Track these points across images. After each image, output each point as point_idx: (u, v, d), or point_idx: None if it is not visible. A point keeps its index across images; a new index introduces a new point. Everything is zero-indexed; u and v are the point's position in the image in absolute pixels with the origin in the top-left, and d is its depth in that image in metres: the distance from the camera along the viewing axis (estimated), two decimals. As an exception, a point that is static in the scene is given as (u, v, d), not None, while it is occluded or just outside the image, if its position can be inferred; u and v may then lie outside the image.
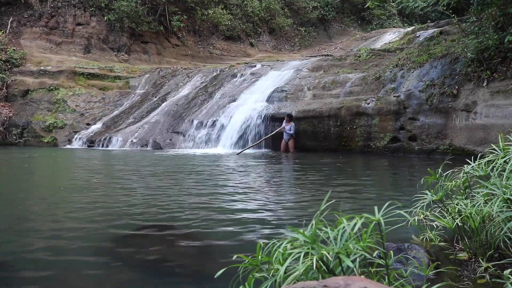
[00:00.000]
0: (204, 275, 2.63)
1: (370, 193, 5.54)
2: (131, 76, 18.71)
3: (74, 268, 2.81)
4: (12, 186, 6.58)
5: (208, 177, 7.00)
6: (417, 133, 10.66)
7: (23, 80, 17.27)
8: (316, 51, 25.04)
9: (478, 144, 9.28)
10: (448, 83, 10.56)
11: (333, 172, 7.76)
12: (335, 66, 14.48)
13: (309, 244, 1.28)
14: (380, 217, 1.36)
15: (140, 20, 20.69)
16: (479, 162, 2.37)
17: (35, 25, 19.96)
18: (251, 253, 1.49)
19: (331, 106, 11.79)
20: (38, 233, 3.60)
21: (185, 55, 22.88)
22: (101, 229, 3.69)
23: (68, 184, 6.69)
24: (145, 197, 5.20)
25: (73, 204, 4.86)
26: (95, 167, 9.08)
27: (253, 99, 13.66)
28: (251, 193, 5.51)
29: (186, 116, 14.46)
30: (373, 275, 1.44)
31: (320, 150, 11.78)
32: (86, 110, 16.74)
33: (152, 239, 3.45)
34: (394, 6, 25.59)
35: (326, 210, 1.41)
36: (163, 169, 8.22)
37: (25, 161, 10.59)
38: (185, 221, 3.96)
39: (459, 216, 2.18)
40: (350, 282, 0.98)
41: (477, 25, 10.59)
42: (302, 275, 1.27)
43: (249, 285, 1.37)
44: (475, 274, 1.96)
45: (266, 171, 8.14)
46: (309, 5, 27.69)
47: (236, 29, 24.88)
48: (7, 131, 16.18)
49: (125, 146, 13.97)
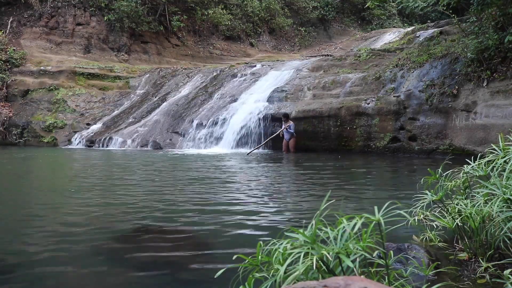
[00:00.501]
0: (204, 275, 2.63)
1: (370, 193, 5.54)
2: (131, 76, 18.71)
3: (74, 268, 2.81)
4: (12, 187, 6.58)
5: (208, 177, 7.00)
6: (417, 133, 10.66)
7: (23, 80, 17.28)
8: (316, 51, 25.05)
9: (478, 144, 9.28)
10: (448, 83, 10.56)
11: (333, 172, 7.76)
12: (335, 66, 14.48)
13: (309, 244, 1.28)
14: (380, 217, 1.36)
15: (140, 20, 20.69)
16: (479, 162, 2.37)
17: (35, 25, 19.96)
18: (251, 253, 1.49)
19: (331, 106, 11.79)
20: (38, 234, 3.60)
21: (185, 55, 22.89)
22: (101, 229, 3.69)
23: (68, 184, 6.69)
24: (144, 197, 5.20)
25: (73, 204, 4.87)
26: (95, 167, 9.08)
27: (253, 99, 13.66)
28: (251, 193, 5.51)
29: (186, 116, 14.46)
30: (373, 275, 1.44)
31: (320, 150, 11.78)
32: (86, 110, 16.75)
33: (152, 239, 3.45)
34: (394, 6, 25.59)
35: (326, 210, 1.41)
36: (163, 169, 8.22)
37: (25, 161, 10.59)
38: (185, 221, 3.96)
39: (459, 216, 2.18)
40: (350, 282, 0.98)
41: (477, 25, 10.59)
42: (302, 275, 1.27)
43: (249, 285, 1.37)
44: (475, 274, 1.96)
45: (266, 171, 8.14)
46: (309, 5, 27.70)
47: (236, 29, 24.89)
48: (7, 131, 16.19)
49: (125, 146, 13.98)
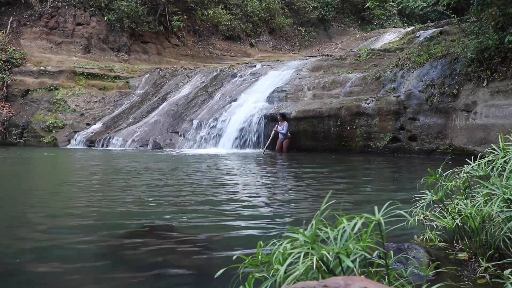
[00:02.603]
0: (204, 275, 2.63)
1: (370, 193, 5.54)
2: (131, 76, 18.71)
3: (74, 268, 2.81)
4: (12, 187, 6.58)
5: (208, 177, 7.00)
6: (417, 133, 10.66)
7: (23, 80, 17.28)
8: (316, 51, 25.05)
9: (478, 144, 9.28)
10: (448, 83, 10.56)
11: (333, 172, 7.76)
12: (335, 66, 14.48)
13: (309, 244, 1.28)
14: (380, 217, 1.36)
15: (140, 20, 20.69)
16: (479, 162, 2.37)
17: (35, 25, 19.96)
18: (251, 253, 1.49)
19: (331, 106, 11.79)
20: (38, 234, 3.60)
21: (185, 55, 22.89)
22: (101, 229, 3.69)
23: (68, 184, 6.69)
24: (144, 197, 5.20)
25: (73, 204, 4.86)
26: (95, 167, 9.08)
27: (253, 99, 13.66)
28: (251, 193, 5.51)
29: (186, 116, 14.46)
30: (373, 275, 1.44)
31: (320, 150, 11.77)
32: (86, 110, 16.75)
33: (152, 239, 3.45)
34: (394, 6, 25.60)
35: (326, 210, 1.41)
36: (163, 169, 8.22)
37: (25, 161, 10.59)
38: (185, 221, 3.96)
39: (459, 216, 2.18)
40: (350, 282, 0.98)
41: (477, 25, 10.60)
42: (302, 275, 1.27)
43: (249, 285, 1.37)
44: (475, 274, 1.96)
45: (265, 171, 8.14)
46: (309, 5, 27.69)
47: (236, 29, 24.88)
48: (7, 131, 16.19)
49: (125, 146, 13.98)
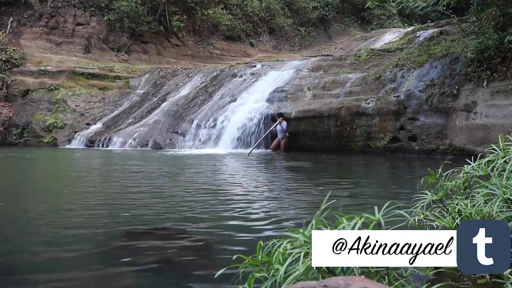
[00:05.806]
0: (204, 275, 2.63)
1: (370, 193, 5.54)
2: (131, 76, 18.70)
3: (74, 268, 2.81)
4: (12, 187, 6.57)
5: (208, 177, 7.00)
6: (417, 133, 10.66)
7: (23, 80, 17.27)
8: (316, 51, 25.03)
9: (478, 144, 9.27)
10: (448, 83, 10.56)
11: (333, 172, 7.76)
12: (335, 66, 14.48)
13: (309, 244, 1.28)
14: (380, 217, 1.36)
15: (140, 20, 20.68)
16: (479, 162, 2.37)
17: (35, 25, 19.95)
18: (251, 253, 1.49)
19: (331, 106, 11.79)
20: (38, 234, 3.60)
21: (185, 55, 22.88)
22: (101, 230, 3.69)
23: (68, 184, 6.69)
24: (144, 197, 5.20)
25: (73, 204, 4.86)
26: (95, 167, 9.08)
27: (253, 99, 13.66)
28: (251, 193, 5.50)
29: (186, 116, 14.46)
30: (373, 275, 1.44)
31: (320, 150, 11.77)
32: (86, 110, 16.74)
33: (152, 239, 3.45)
34: (394, 6, 25.55)
35: (326, 210, 1.41)
36: (163, 169, 8.22)
37: (25, 161, 10.59)
38: (185, 221, 3.96)
39: (459, 216, 2.18)
40: (350, 282, 0.98)
41: (477, 25, 10.59)
42: (302, 275, 1.27)
43: (249, 285, 1.37)
44: (475, 274, 1.96)
45: (265, 171, 8.14)
46: (309, 5, 27.67)
47: (236, 29, 24.87)
48: (7, 131, 16.17)
49: (125, 146, 13.97)
